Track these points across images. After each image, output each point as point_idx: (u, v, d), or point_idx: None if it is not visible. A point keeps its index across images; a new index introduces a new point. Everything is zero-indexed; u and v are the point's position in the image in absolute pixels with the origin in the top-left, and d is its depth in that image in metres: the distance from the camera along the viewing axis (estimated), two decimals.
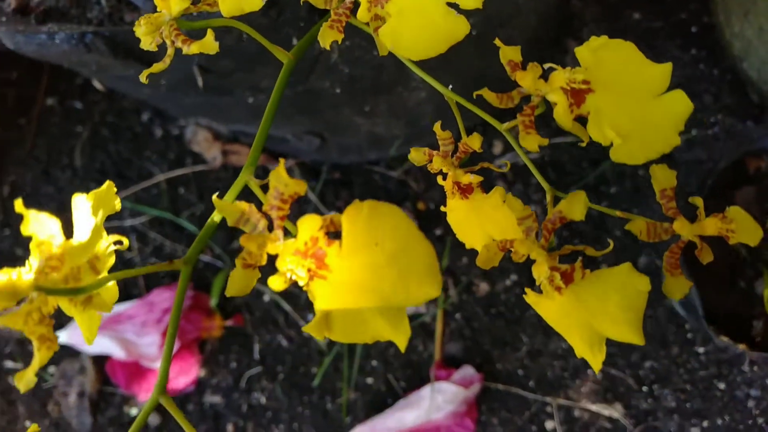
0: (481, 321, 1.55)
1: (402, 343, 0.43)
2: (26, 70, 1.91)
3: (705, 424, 1.46)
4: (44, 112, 1.88)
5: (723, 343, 1.43)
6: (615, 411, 1.48)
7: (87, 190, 1.94)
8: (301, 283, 0.45)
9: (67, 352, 1.70)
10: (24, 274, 0.44)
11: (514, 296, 1.55)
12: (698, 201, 0.49)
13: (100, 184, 2.07)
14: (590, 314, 0.46)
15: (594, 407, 1.48)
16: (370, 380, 1.57)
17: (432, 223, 1.60)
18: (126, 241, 0.49)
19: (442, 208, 0.63)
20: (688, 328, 1.48)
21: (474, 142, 0.56)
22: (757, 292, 1.28)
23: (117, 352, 1.60)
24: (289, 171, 1.67)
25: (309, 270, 0.44)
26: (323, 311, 0.44)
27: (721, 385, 1.46)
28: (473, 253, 1.66)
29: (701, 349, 1.47)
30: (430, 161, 0.59)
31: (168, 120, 1.75)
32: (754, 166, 1.31)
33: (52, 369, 1.71)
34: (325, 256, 0.44)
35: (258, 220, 0.45)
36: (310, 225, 0.43)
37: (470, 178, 0.56)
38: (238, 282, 0.47)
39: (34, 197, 1.82)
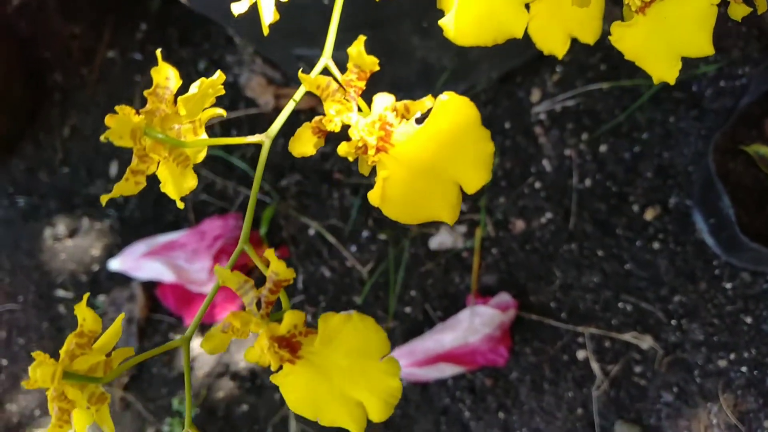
0: (516, 256, 1.63)
1: (477, 186, 0.49)
2: (90, 24, 2.04)
3: (732, 356, 1.51)
4: (106, 63, 2.00)
5: (750, 276, 1.50)
6: (645, 343, 1.54)
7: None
8: (370, 152, 0.49)
9: (118, 281, 1.78)
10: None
11: (549, 233, 1.62)
12: None
13: None
14: (669, 33, 0.54)
15: (624, 337, 1.54)
16: (408, 309, 1.64)
17: None
18: None
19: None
20: (716, 264, 1.54)
21: None
22: None
23: (168, 275, 1.68)
24: None
25: (379, 139, 0.49)
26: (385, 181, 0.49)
27: (748, 319, 1.52)
28: (510, 192, 1.73)
29: (728, 285, 1.54)
30: None
31: (224, 68, 1.86)
32: None
33: (102, 297, 1.79)
34: (392, 134, 0.49)
35: (335, 89, 0.51)
36: (383, 104, 0.49)
37: None
38: (306, 142, 0.51)
39: (94, 139, 1.92)
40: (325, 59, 0.53)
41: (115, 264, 1.75)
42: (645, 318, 1.55)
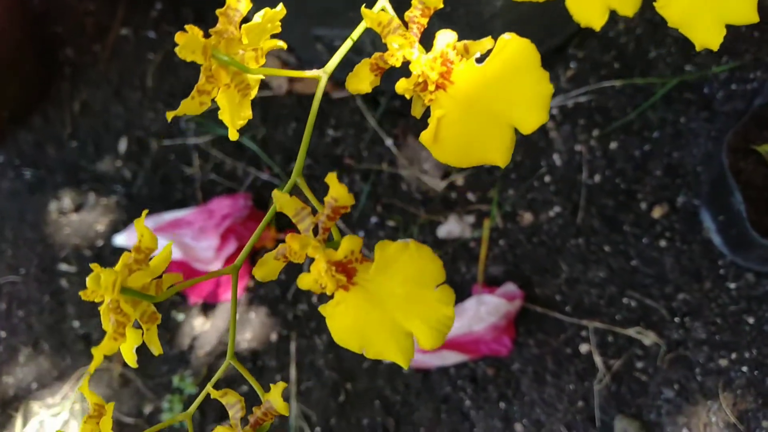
0: (523, 248, 1.63)
1: (534, 126, 0.48)
2: (104, 1, 2.04)
3: (733, 356, 1.52)
4: (118, 41, 2.00)
5: (754, 278, 1.51)
6: (648, 339, 1.55)
7: (155, 111, 2.06)
8: (430, 88, 0.49)
9: None
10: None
11: (557, 227, 1.63)
12: None
13: (168, 105, 2.18)
14: None
15: (628, 333, 1.55)
16: None
17: None
18: None
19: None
20: (721, 264, 1.56)
21: None
22: None
23: (174, 252, 1.68)
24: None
25: (440, 75, 0.49)
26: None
27: (750, 320, 1.53)
28: (519, 184, 1.74)
29: (732, 285, 1.55)
30: None
31: None
32: None
33: None
34: (452, 71, 0.49)
35: (396, 27, 0.50)
36: (445, 41, 0.49)
37: None
38: (363, 79, 0.51)
39: (104, 115, 1.92)
40: (383, 2, 0.53)
41: (120, 239, 1.74)
42: (649, 314, 1.56)
